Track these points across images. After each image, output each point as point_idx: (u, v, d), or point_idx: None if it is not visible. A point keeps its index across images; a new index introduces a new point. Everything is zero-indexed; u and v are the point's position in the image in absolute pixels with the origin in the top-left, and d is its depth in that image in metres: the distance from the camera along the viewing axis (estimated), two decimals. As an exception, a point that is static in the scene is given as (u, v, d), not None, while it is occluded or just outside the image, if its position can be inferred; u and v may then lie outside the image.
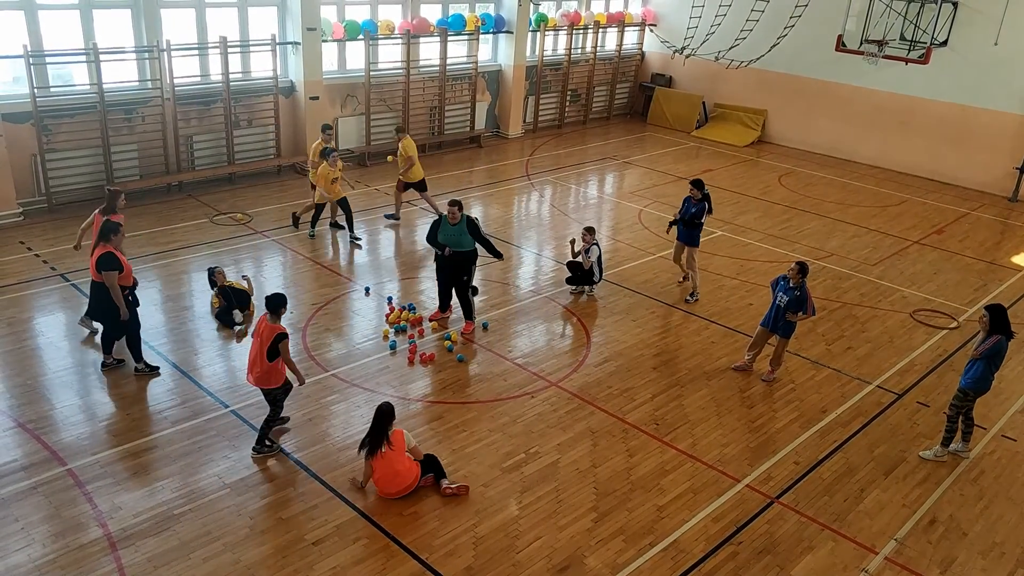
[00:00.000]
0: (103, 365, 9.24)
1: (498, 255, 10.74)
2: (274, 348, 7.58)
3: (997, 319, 8.28)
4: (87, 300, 10.74)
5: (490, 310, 11.29)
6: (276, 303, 7.73)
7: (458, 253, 10.26)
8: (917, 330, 11.65)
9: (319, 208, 13.28)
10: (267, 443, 8.00)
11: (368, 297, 11.36)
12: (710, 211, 11.75)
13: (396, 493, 7.48)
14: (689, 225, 11.62)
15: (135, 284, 9.15)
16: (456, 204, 10.32)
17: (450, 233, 10.25)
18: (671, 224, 11.99)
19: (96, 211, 9.82)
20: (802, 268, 9.41)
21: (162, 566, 6.56)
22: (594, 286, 11.94)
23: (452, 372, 9.75)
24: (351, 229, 13.27)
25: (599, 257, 11.76)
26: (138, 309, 9.19)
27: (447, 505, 7.48)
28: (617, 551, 7.09)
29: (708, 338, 10.98)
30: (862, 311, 12.13)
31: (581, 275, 11.77)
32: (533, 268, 13.01)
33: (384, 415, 7.42)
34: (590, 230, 11.72)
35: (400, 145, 13.88)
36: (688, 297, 11.99)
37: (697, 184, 11.59)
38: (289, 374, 7.97)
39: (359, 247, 13.17)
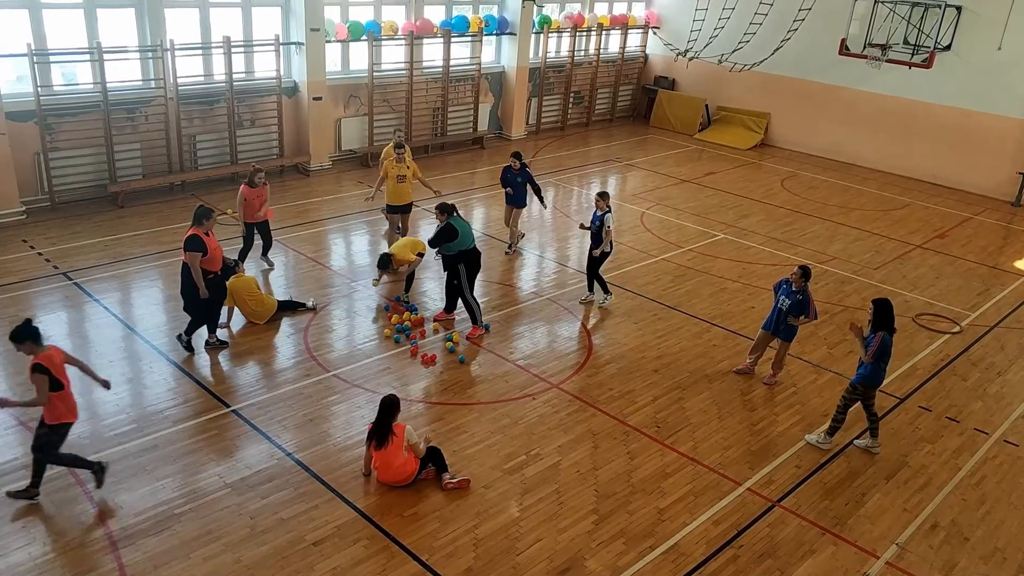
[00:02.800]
0: (206, 344, 9.80)
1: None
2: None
3: (882, 314, 8.33)
4: (91, 299, 10.78)
5: (492, 311, 11.29)
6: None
7: (445, 255, 10.46)
8: (919, 334, 11.64)
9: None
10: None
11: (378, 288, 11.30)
12: (533, 181, 13.16)
13: (392, 483, 7.62)
14: (518, 189, 13.04)
15: (224, 267, 9.75)
16: (438, 207, 10.34)
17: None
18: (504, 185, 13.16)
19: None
20: (804, 272, 9.40)
21: (162, 565, 6.56)
22: (607, 297, 11.70)
23: (453, 373, 9.74)
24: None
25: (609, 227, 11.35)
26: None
27: (448, 506, 7.48)
28: (618, 554, 7.09)
29: (710, 341, 10.97)
30: (864, 315, 12.08)
31: (599, 259, 11.36)
32: (535, 270, 13.01)
33: (388, 407, 7.52)
34: (603, 195, 11.27)
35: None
36: (507, 249, 13.36)
37: (516, 155, 13.04)
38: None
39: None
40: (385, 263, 11.35)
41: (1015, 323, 12.25)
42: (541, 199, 13.29)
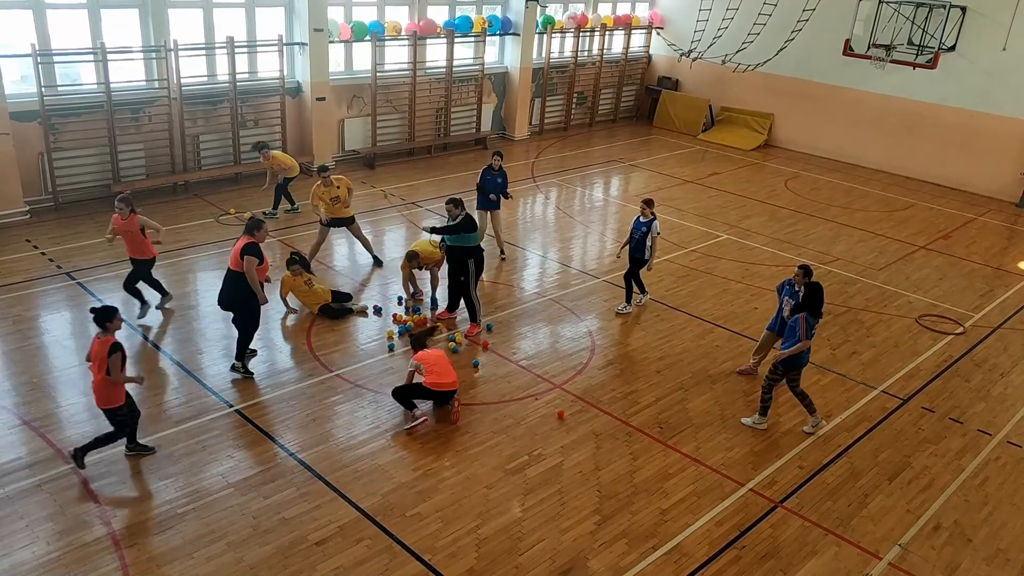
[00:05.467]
0: (232, 367, 9.39)
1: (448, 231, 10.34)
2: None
3: (810, 297, 8.64)
4: (94, 298, 10.79)
5: (495, 312, 11.29)
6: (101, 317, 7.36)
7: (454, 248, 10.34)
8: (923, 335, 11.62)
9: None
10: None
11: (379, 316, 11.06)
12: (504, 186, 12.92)
13: (450, 383, 8.65)
14: (497, 191, 12.79)
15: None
16: (452, 202, 10.37)
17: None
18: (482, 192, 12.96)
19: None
20: (806, 271, 9.38)
21: (165, 565, 6.57)
22: (644, 295, 11.75)
23: (456, 374, 9.72)
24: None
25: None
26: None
27: (450, 506, 7.48)
28: (620, 554, 7.08)
29: (712, 342, 10.96)
30: (868, 316, 12.09)
31: (636, 267, 11.29)
32: (538, 270, 13.01)
33: (421, 337, 8.82)
34: (649, 202, 11.14)
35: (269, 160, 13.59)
36: (502, 255, 13.13)
37: (498, 155, 12.83)
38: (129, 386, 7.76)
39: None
40: (412, 257, 11.06)
41: (1019, 324, 12.23)
42: (507, 195, 13.01)
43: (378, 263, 12.56)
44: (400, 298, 11.40)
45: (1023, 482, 8.51)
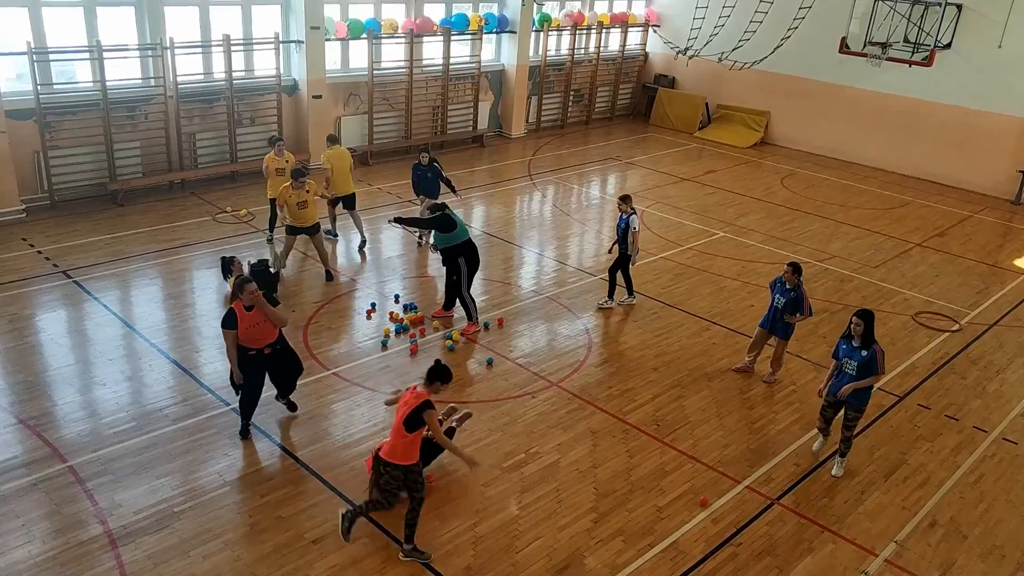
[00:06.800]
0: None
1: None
2: (416, 417, 6.47)
3: (872, 328, 7.89)
4: (89, 297, 10.79)
5: (491, 310, 11.29)
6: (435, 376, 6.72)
7: (445, 248, 10.40)
8: (919, 332, 11.64)
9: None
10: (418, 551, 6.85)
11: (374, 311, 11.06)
12: (443, 175, 13.26)
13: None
14: (430, 184, 13.10)
15: (275, 343, 7.96)
16: (433, 207, 10.61)
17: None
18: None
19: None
20: (795, 268, 9.39)
21: (162, 563, 6.57)
22: (631, 297, 11.71)
23: (453, 371, 9.70)
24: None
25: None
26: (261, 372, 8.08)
27: (447, 504, 7.49)
28: (617, 551, 7.09)
29: (709, 339, 10.98)
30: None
31: (622, 260, 11.27)
32: (535, 268, 13.01)
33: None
34: (626, 198, 11.09)
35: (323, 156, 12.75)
36: (419, 240, 13.43)
37: (425, 149, 13.12)
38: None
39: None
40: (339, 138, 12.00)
41: (1014, 321, 12.26)
42: (453, 190, 13.56)
43: (329, 278, 11.82)
44: (396, 296, 11.40)
45: (1018, 479, 8.54)
